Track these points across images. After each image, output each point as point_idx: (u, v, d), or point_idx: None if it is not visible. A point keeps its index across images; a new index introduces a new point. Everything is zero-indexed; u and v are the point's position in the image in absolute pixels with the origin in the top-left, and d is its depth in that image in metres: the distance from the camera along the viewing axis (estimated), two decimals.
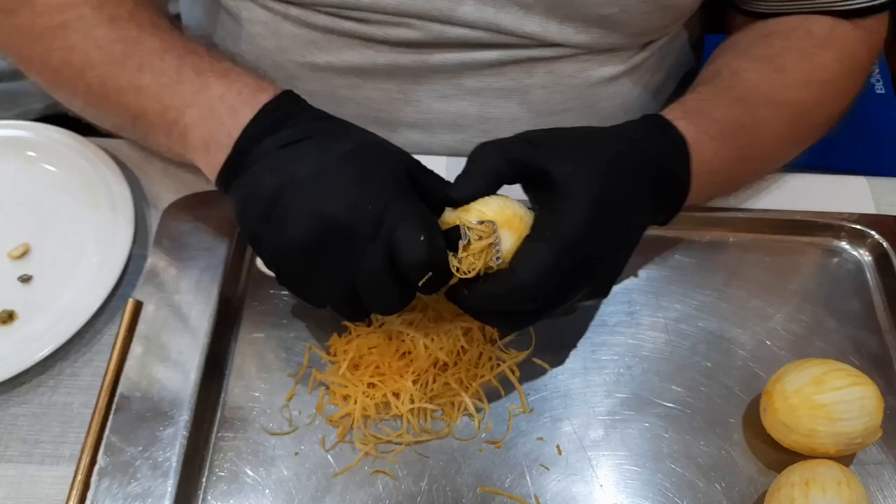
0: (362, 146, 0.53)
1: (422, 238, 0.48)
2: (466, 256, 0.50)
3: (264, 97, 0.55)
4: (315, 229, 0.49)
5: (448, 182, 0.54)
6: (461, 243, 0.50)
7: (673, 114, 0.60)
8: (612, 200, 0.52)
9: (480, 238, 0.50)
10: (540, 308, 0.52)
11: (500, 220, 0.50)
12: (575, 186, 0.51)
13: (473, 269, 0.50)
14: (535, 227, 0.51)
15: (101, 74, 0.60)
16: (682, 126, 0.58)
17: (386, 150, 0.54)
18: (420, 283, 0.50)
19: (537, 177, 0.52)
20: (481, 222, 0.50)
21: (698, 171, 0.58)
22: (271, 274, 0.55)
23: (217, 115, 0.55)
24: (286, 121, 0.54)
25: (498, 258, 0.50)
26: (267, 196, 0.51)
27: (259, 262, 0.57)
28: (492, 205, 0.51)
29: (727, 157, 0.61)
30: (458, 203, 0.51)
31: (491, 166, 0.51)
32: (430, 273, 0.49)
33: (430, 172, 0.55)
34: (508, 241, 0.50)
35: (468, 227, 0.50)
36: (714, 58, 0.70)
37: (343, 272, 0.51)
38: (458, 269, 0.50)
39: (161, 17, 0.62)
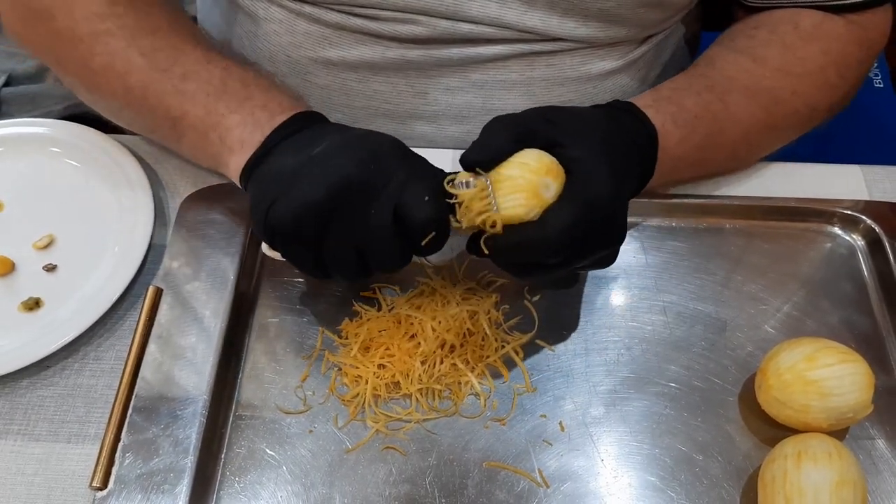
0: (371, 132, 0.58)
1: (426, 198, 0.52)
2: (464, 212, 0.53)
3: (299, 109, 0.60)
4: (330, 188, 0.53)
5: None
6: (462, 192, 0.52)
7: (643, 101, 0.62)
8: (619, 171, 0.54)
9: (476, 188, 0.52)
10: (560, 262, 0.54)
11: (542, 169, 0.51)
12: (592, 158, 0.53)
13: (472, 224, 0.53)
14: (566, 189, 0.52)
15: (144, 79, 0.63)
16: (651, 114, 0.61)
17: (393, 137, 0.58)
18: (423, 243, 0.53)
19: (548, 146, 0.54)
20: (475, 177, 0.52)
21: (661, 157, 0.61)
22: (278, 257, 0.58)
23: (257, 119, 0.60)
24: (311, 125, 0.59)
25: (496, 208, 0.52)
26: (287, 170, 0.55)
27: (265, 247, 0.59)
28: (531, 155, 0.52)
29: (694, 143, 0.63)
30: (474, 165, 0.53)
31: (504, 133, 0.53)
32: (434, 233, 0.53)
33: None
34: (553, 189, 0.52)
35: (463, 182, 0.53)
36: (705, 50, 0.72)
37: (351, 229, 0.54)
38: (459, 222, 0.53)
39: (199, 33, 0.66)
